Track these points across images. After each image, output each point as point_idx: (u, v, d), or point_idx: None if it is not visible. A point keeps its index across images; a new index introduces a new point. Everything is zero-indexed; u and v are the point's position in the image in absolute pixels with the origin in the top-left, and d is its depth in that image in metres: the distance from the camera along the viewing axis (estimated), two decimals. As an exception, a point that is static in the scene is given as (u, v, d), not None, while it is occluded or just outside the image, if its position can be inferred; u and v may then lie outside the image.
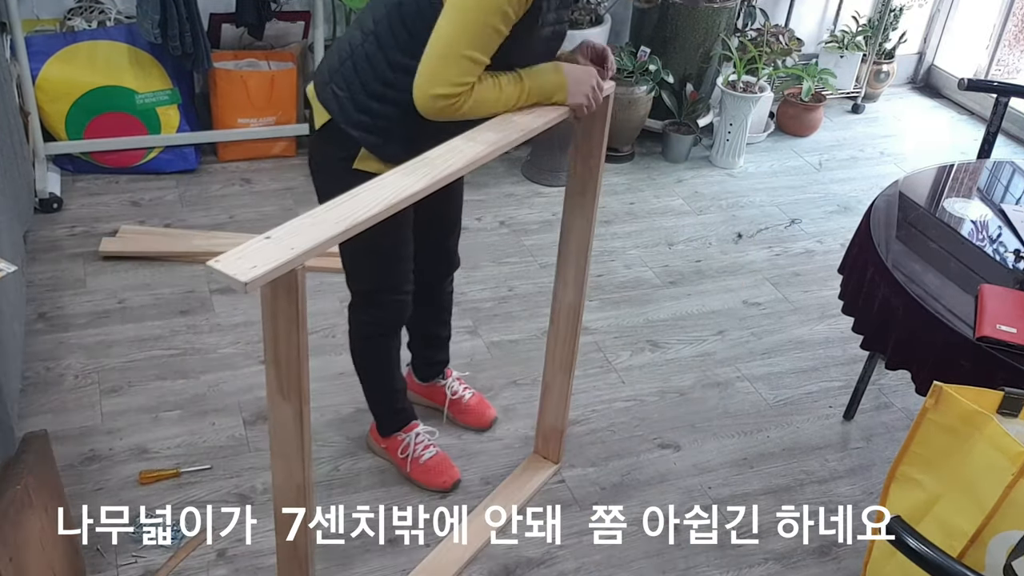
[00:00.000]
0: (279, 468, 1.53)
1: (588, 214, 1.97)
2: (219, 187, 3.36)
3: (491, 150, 1.57)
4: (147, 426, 2.34)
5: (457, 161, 1.51)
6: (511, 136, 1.62)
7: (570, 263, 2.05)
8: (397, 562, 2.07)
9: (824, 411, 2.62)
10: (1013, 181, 2.49)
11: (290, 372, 1.37)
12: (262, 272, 1.21)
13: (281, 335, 1.35)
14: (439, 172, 1.47)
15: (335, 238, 1.31)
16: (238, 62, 3.36)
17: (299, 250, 1.26)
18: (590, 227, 1.98)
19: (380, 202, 1.38)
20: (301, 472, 1.49)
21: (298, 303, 1.30)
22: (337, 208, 1.36)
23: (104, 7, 3.28)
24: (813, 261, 3.30)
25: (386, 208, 1.38)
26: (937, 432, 1.57)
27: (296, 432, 1.44)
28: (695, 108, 3.84)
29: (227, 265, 1.22)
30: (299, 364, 1.36)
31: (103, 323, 2.66)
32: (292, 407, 1.41)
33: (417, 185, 1.43)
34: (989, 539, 1.50)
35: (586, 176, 1.93)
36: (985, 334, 1.78)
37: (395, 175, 1.46)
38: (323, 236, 1.30)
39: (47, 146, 3.18)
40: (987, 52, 4.51)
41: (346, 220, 1.34)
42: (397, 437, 2.25)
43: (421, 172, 1.47)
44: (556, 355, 2.18)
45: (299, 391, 1.39)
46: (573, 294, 2.08)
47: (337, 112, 1.79)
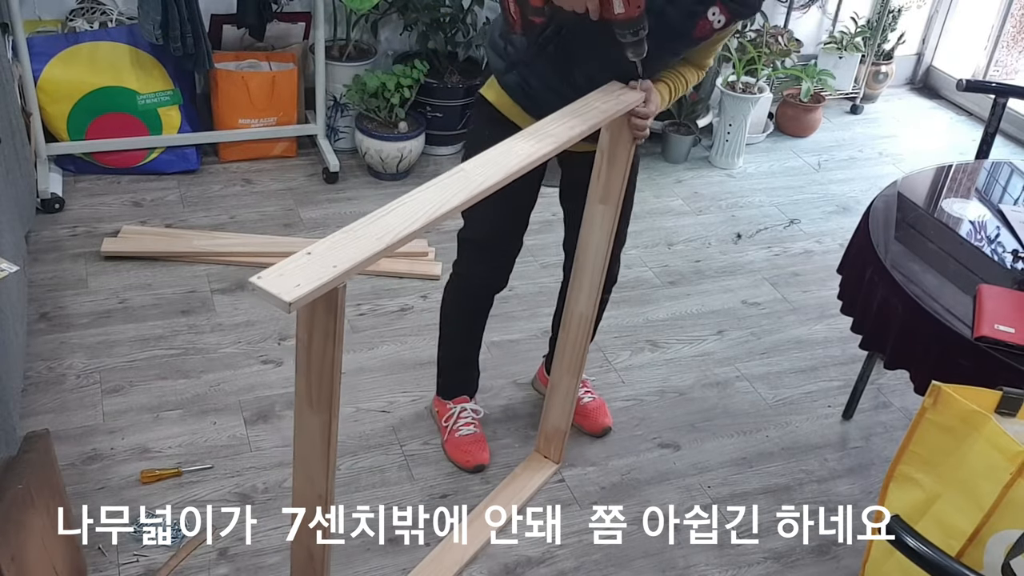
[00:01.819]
0: (300, 476, 1.51)
1: (608, 224, 1.94)
2: (220, 187, 3.36)
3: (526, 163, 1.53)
4: (148, 426, 2.35)
5: (494, 174, 1.48)
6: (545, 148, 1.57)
7: (586, 271, 2.03)
8: (397, 562, 2.07)
9: (823, 411, 2.63)
10: (1011, 181, 2.49)
11: (322, 385, 1.36)
12: (306, 292, 1.18)
13: (315, 348, 1.33)
14: (477, 186, 1.44)
15: (376, 255, 1.28)
16: (239, 63, 3.36)
17: (341, 268, 1.23)
18: (609, 237, 1.95)
19: (421, 216, 1.35)
20: (324, 483, 1.48)
21: (336, 319, 1.29)
22: (377, 223, 1.33)
23: (106, 8, 3.29)
24: (812, 261, 3.31)
25: (426, 223, 1.35)
26: (936, 432, 1.58)
27: (323, 444, 1.43)
28: (694, 109, 3.85)
29: (270, 283, 1.19)
30: (332, 378, 1.35)
31: (105, 323, 2.67)
32: (321, 419, 1.40)
33: (457, 199, 1.40)
34: (987, 538, 1.51)
35: (610, 184, 1.89)
36: (983, 334, 1.78)
37: (435, 187, 1.43)
38: (364, 253, 1.26)
39: (49, 147, 3.19)
40: (985, 53, 4.51)
41: (387, 236, 1.30)
42: (447, 404, 2.36)
43: (460, 185, 1.44)
44: (565, 359, 2.18)
45: (329, 404, 1.38)
46: (586, 302, 2.07)
47: (488, 33, 1.99)
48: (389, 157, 3.44)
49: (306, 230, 3.18)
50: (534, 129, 1.62)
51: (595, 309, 2.08)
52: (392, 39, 3.71)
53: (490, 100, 1.97)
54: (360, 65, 3.50)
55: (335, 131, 3.61)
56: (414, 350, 2.68)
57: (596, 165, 1.90)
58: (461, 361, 2.37)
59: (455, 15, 3.51)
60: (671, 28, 1.72)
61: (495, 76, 1.95)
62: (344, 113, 3.57)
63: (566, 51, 1.82)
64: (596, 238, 1.98)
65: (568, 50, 1.81)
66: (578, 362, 2.17)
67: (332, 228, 3.59)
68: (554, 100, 1.83)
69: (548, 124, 1.64)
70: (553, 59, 1.83)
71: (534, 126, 1.64)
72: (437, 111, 3.57)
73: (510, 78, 1.91)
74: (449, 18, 3.51)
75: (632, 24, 1.63)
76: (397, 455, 2.35)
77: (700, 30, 1.76)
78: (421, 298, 2.88)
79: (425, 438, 2.40)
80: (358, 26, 3.60)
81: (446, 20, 3.51)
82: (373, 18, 3.59)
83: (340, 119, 3.59)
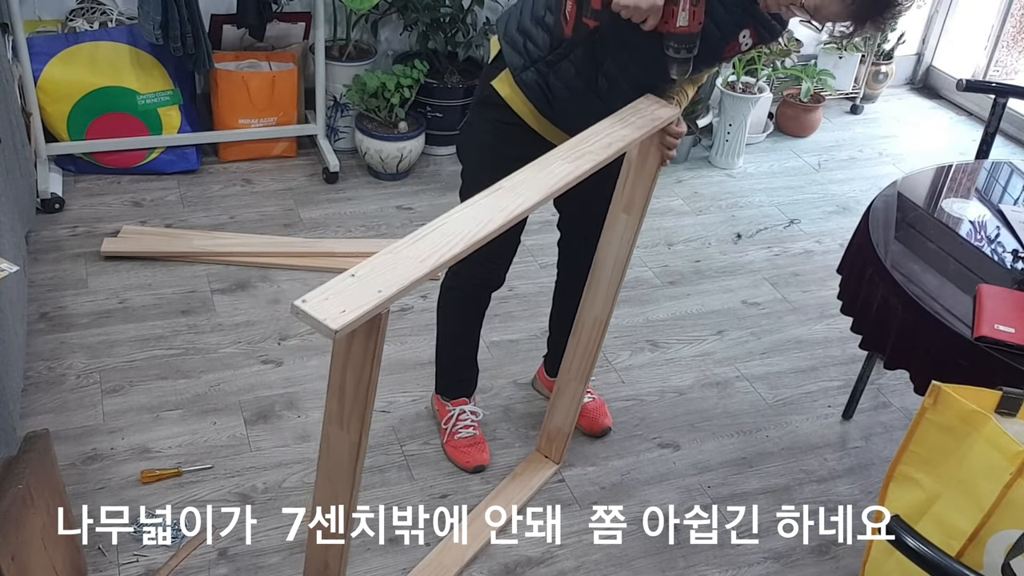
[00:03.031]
0: (323, 489, 1.51)
1: (630, 234, 1.92)
2: (220, 187, 3.37)
3: (565, 181, 1.52)
4: (148, 425, 2.35)
5: (534, 193, 1.47)
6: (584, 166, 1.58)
7: (603, 278, 2.02)
8: (397, 562, 2.07)
9: (823, 411, 2.63)
10: (1011, 181, 2.49)
11: (356, 405, 1.36)
12: (353, 319, 1.18)
13: (352, 369, 1.32)
14: (518, 206, 1.44)
15: (420, 279, 1.27)
16: (239, 63, 3.36)
17: (386, 294, 1.22)
18: (629, 246, 1.94)
19: (462, 238, 1.35)
20: (348, 498, 1.48)
21: (376, 343, 1.28)
22: (419, 243, 1.32)
23: (106, 8, 3.29)
24: (812, 261, 3.31)
25: (469, 244, 1.34)
26: (935, 432, 1.58)
27: (351, 462, 1.42)
28: (694, 109, 3.85)
29: (315, 308, 1.18)
30: (366, 399, 1.34)
31: (105, 323, 2.67)
32: (350, 438, 1.40)
33: (498, 219, 1.40)
34: (987, 538, 1.51)
35: (635, 195, 1.88)
36: (983, 334, 1.78)
37: (476, 206, 1.42)
38: (409, 278, 1.26)
39: (49, 147, 3.19)
40: (985, 53, 4.51)
41: (431, 259, 1.30)
42: (446, 406, 2.37)
43: (501, 204, 1.43)
44: (574, 363, 2.18)
45: (360, 424, 1.37)
46: (601, 308, 2.06)
47: (502, 26, 1.91)
48: (389, 157, 3.44)
49: (306, 230, 3.18)
50: (571, 145, 1.61)
51: (609, 315, 2.08)
52: (392, 39, 3.71)
53: (503, 95, 1.93)
54: (360, 65, 3.50)
55: (335, 131, 3.61)
56: (414, 350, 2.68)
57: (622, 176, 1.89)
58: (459, 360, 2.37)
59: (455, 15, 3.51)
60: (707, 47, 1.72)
61: (511, 72, 1.90)
62: (344, 113, 3.57)
63: (593, 56, 1.80)
64: (616, 246, 1.97)
65: (596, 55, 1.80)
66: (588, 367, 2.16)
67: (332, 228, 3.60)
68: (572, 103, 1.83)
69: (585, 140, 1.62)
70: (579, 62, 1.81)
71: (572, 141, 1.63)
72: (437, 111, 3.57)
73: (528, 75, 1.87)
74: (449, 18, 3.51)
75: (689, 39, 1.63)
76: (397, 455, 2.35)
77: (730, 51, 1.78)
78: (421, 298, 2.88)
79: (425, 438, 2.40)
80: (358, 26, 3.60)
81: (446, 20, 3.51)
82: (373, 18, 3.59)
83: (340, 119, 3.59)
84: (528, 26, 1.85)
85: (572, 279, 2.22)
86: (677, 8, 1.59)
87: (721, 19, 1.71)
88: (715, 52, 1.76)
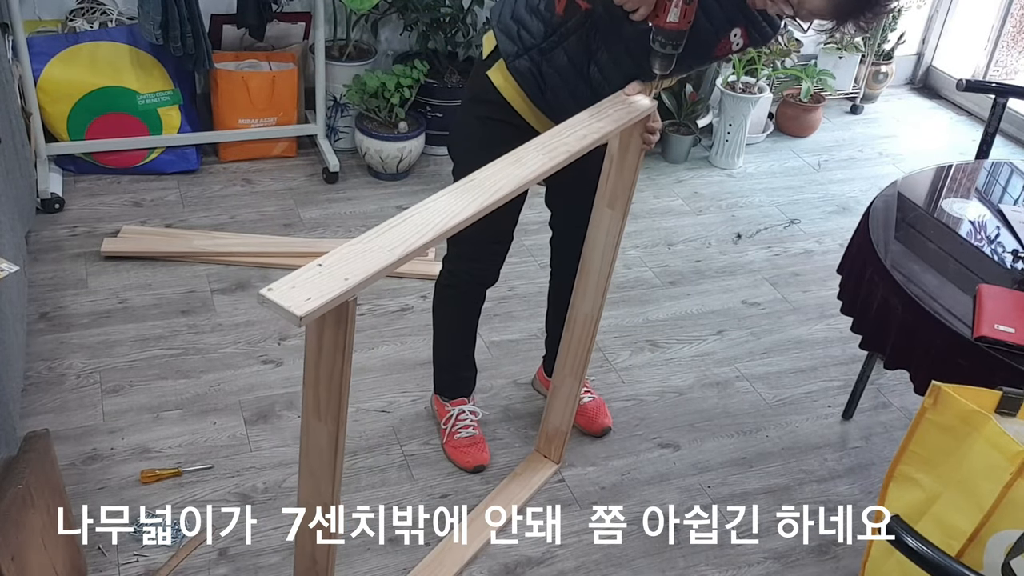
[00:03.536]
0: (306, 485, 1.52)
1: (615, 230, 1.93)
2: (220, 187, 3.37)
3: (537, 173, 1.53)
4: (148, 425, 2.35)
5: (506, 184, 1.47)
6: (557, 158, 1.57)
7: (591, 273, 2.02)
8: (397, 562, 2.07)
9: (823, 411, 2.63)
10: (1011, 181, 2.49)
11: (330, 396, 1.36)
12: (317, 305, 1.18)
13: (324, 360, 1.33)
14: (489, 196, 1.44)
15: (387, 268, 1.27)
16: (239, 63, 3.36)
17: (352, 282, 1.22)
18: (615, 241, 1.94)
19: (432, 228, 1.35)
20: (330, 492, 1.48)
21: (346, 332, 1.28)
22: (388, 233, 1.32)
23: (106, 8, 3.29)
24: (812, 261, 3.31)
25: (438, 235, 1.35)
26: (935, 432, 1.58)
27: (330, 454, 1.43)
28: (694, 109, 3.85)
29: (280, 296, 1.19)
30: (340, 390, 1.35)
31: (105, 323, 2.67)
32: (328, 430, 1.40)
33: (469, 209, 1.40)
34: (987, 538, 1.51)
35: (618, 189, 1.88)
36: (983, 334, 1.78)
37: (447, 197, 1.42)
38: (376, 266, 1.26)
39: (49, 147, 3.19)
40: (985, 53, 4.51)
41: (399, 248, 1.30)
42: (445, 407, 2.37)
43: (472, 196, 1.43)
44: (568, 360, 2.18)
45: (337, 415, 1.38)
46: (591, 304, 2.07)
47: (496, 14, 1.90)
48: (389, 157, 3.44)
49: (306, 230, 3.18)
50: (547, 138, 1.61)
51: (600, 310, 2.08)
52: (392, 39, 3.71)
53: (496, 84, 1.92)
54: (360, 65, 3.50)
55: (335, 131, 3.61)
56: (414, 350, 2.68)
57: (604, 170, 1.89)
58: (457, 359, 2.37)
59: (455, 15, 3.51)
60: (698, 43, 1.72)
61: (504, 60, 1.89)
62: (344, 113, 3.57)
63: (586, 44, 1.81)
64: (602, 242, 1.97)
65: (589, 45, 1.81)
66: (581, 363, 2.16)
67: (332, 228, 3.59)
68: (563, 92, 1.84)
69: (560, 133, 1.62)
70: (571, 50, 1.82)
71: (546, 134, 1.62)
72: (437, 111, 3.57)
73: (521, 63, 1.86)
74: (449, 18, 3.51)
75: (676, 36, 1.64)
76: (397, 455, 2.35)
77: (720, 49, 1.78)
78: (421, 298, 2.88)
79: (425, 438, 2.40)
80: (358, 26, 3.60)
81: (446, 20, 3.51)
82: (373, 18, 3.59)
83: (340, 119, 3.59)
84: (522, 14, 1.85)
85: (564, 278, 2.22)
86: (670, 3, 1.60)
87: (714, 13, 1.71)
88: (705, 48, 1.75)
